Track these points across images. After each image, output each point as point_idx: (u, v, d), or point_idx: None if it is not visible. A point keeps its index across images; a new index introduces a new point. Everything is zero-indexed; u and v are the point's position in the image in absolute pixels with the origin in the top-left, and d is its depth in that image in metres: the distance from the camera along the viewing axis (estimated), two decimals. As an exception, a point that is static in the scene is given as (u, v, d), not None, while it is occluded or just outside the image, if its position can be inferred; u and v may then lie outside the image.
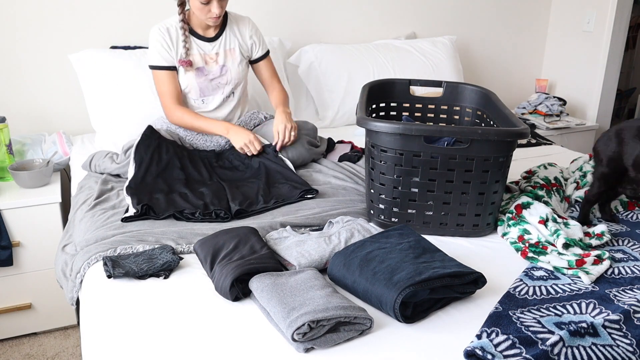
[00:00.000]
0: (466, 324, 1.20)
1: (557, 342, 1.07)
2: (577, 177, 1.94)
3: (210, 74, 2.04)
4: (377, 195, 1.63)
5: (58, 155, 2.26)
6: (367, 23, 3.00)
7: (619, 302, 1.26)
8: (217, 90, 2.07)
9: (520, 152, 2.42)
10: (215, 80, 2.06)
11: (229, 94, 2.10)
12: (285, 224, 1.60)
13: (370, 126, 1.54)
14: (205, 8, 1.90)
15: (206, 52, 2.03)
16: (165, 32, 1.98)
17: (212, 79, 2.05)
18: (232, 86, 2.09)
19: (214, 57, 2.04)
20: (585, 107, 3.35)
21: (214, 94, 2.07)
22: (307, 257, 1.37)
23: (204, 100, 2.07)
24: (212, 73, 2.05)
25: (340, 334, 1.13)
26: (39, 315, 2.18)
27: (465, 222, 1.60)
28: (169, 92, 1.99)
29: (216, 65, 2.05)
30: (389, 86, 2.07)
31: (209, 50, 2.04)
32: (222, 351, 1.10)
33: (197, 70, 2.02)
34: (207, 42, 2.03)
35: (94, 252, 1.46)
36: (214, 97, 2.07)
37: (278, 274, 1.28)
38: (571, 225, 1.58)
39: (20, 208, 2.03)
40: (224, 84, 2.07)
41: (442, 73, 2.86)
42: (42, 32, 2.39)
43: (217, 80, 2.06)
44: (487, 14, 3.30)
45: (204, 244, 1.44)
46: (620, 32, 3.16)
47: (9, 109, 2.42)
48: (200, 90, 2.04)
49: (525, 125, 1.54)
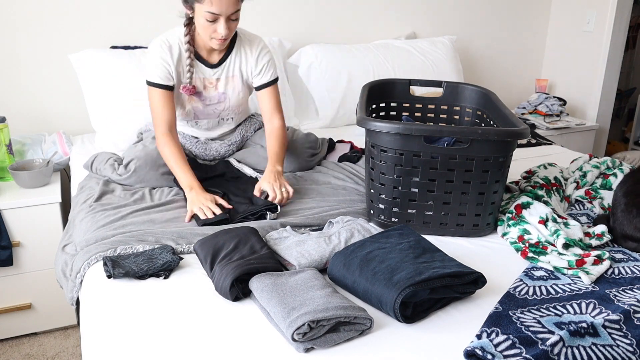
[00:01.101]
0: (466, 324, 1.20)
1: (557, 342, 1.07)
2: (577, 177, 1.94)
3: (207, 100, 1.91)
4: (377, 195, 1.63)
5: (58, 155, 2.26)
6: (367, 23, 3.00)
7: (619, 302, 1.26)
8: (212, 115, 1.96)
9: (520, 152, 2.42)
10: (212, 107, 1.93)
11: (226, 118, 2.00)
12: (285, 224, 1.60)
13: (370, 126, 1.54)
14: (210, 27, 1.71)
15: (206, 76, 1.88)
16: (167, 50, 1.79)
17: (209, 105, 1.92)
18: (229, 112, 1.98)
19: (213, 82, 1.89)
20: (585, 107, 3.35)
21: (208, 117, 1.96)
22: (307, 257, 1.37)
23: (197, 122, 1.97)
24: (210, 99, 1.91)
25: (340, 334, 1.13)
26: (39, 315, 2.18)
27: (465, 222, 1.60)
28: (162, 117, 1.79)
29: (215, 92, 1.90)
30: (389, 86, 2.07)
31: (209, 75, 1.88)
32: (222, 351, 1.10)
33: (195, 94, 1.89)
34: (209, 67, 1.87)
35: (94, 252, 1.46)
36: (208, 120, 1.97)
37: (278, 274, 1.28)
38: (571, 225, 1.58)
39: (20, 208, 2.03)
40: (220, 110, 1.95)
41: (442, 73, 2.86)
42: (42, 32, 2.39)
43: (213, 107, 1.93)
44: (487, 14, 3.30)
45: (203, 244, 1.44)
46: (620, 32, 3.17)
47: (9, 109, 2.42)
48: (194, 114, 1.94)
49: (525, 125, 1.54)
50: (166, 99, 1.80)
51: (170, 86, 1.81)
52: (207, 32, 1.73)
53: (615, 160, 2.02)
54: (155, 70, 1.80)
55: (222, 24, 1.69)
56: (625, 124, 4.27)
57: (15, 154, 2.23)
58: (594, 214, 1.78)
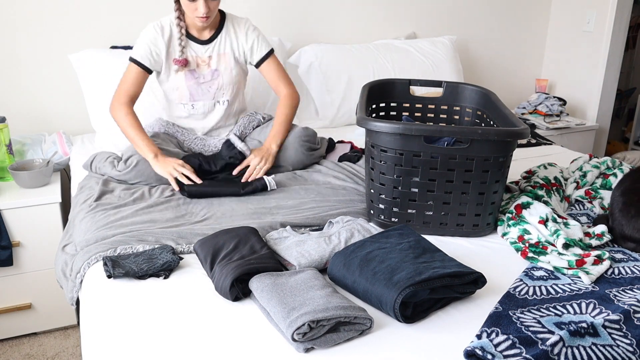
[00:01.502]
0: (466, 324, 1.20)
1: (557, 342, 1.07)
2: (577, 177, 1.94)
3: (200, 77, 1.99)
4: (377, 195, 1.63)
5: (58, 155, 2.26)
6: (367, 23, 3.00)
7: (619, 302, 1.26)
8: (207, 94, 2.01)
9: (520, 152, 2.42)
10: (206, 85, 2.00)
11: (221, 100, 2.04)
12: (285, 224, 1.60)
13: (370, 126, 1.54)
14: (191, 5, 1.83)
15: (198, 54, 1.97)
16: (159, 30, 1.92)
17: (203, 83, 1.99)
18: (224, 92, 2.03)
19: (206, 60, 1.98)
20: (585, 107, 3.35)
21: (204, 98, 2.01)
22: (307, 257, 1.37)
23: (193, 105, 2.01)
24: (203, 77, 1.99)
25: (340, 334, 1.13)
26: (39, 315, 2.18)
27: (465, 222, 1.60)
28: (128, 88, 1.91)
29: (208, 69, 1.99)
30: (389, 86, 2.07)
31: (201, 53, 1.97)
32: (222, 351, 1.10)
33: (187, 72, 1.97)
34: (200, 44, 1.97)
35: (94, 252, 1.46)
36: (204, 102, 2.02)
37: (278, 274, 1.28)
38: (571, 225, 1.58)
39: (20, 208, 2.03)
40: (215, 89, 2.01)
41: (442, 73, 2.86)
42: (42, 32, 2.39)
43: (207, 85, 2.00)
44: (487, 14, 3.30)
45: (204, 244, 1.44)
46: (620, 32, 3.17)
47: (9, 109, 2.42)
48: (190, 93, 1.99)
49: (525, 125, 1.54)
50: (138, 77, 1.92)
51: (148, 68, 1.93)
52: (190, 10, 1.85)
53: (615, 160, 2.02)
54: (139, 50, 1.92)
55: (202, 3, 1.81)
56: (625, 124, 4.27)
57: (15, 154, 2.23)
58: (594, 214, 1.78)
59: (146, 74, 1.94)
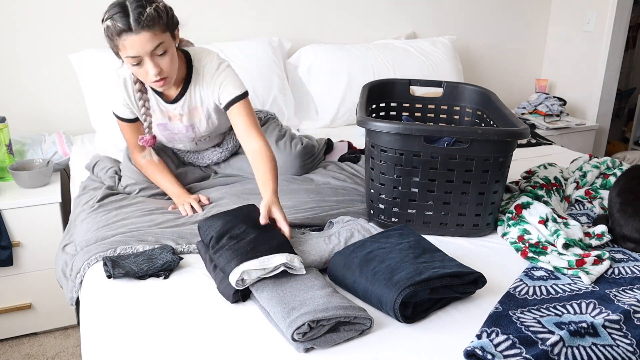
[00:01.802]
0: (466, 324, 1.20)
1: (557, 342, 1.07)
2: (577, 177, 1.94)
3: (175, 129, 1.79)
4: (377, 195, 1.63)
5: (58, 155, 2.26)
6: (367, 23, 3.00)
7: (619, 302, 1.26)
8: (186, 140, 1.85)
9: (520, 152, 2.42)
10: (182, 135, 1.82)
11: (203, 140, 1.87)
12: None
13: (370, 126, 1.54)
14: (141, 71, 1.53)
15: (168, 109, 1.74)
16: (123, 87, 1.69)
17: (177, 134, 1.81)
18: (204, 137, 1.85)
19: (177, 115, 1.75)
20: (585, 107, 3.35)
21: (183, 143, 1.87)
22: (307, 257, 1.37)
23: (175, 145, 1.90)
24: (178, 129, 1.79)
25: (340, 334, 1.12)
26: (39, 315, 2.18)
27: (465, 222, 1.60)
28: (133, 142, 1.77)
29: (181, 124, 1.78)
30: (389, 86, 2.06)
31: (171, 110, 1.74)
32: (222, 351, 1.10)
33: (159, 126, 1.78)
34: (168, 103, 1.73)
35: (94, 252, 1.46)
36: (184, 144, 1.88)
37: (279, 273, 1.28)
38: (571, 225, 1.58)
39: (20, 208, 2.03)
40: (192, 138, 1.84)
41: (442, 73, 2.86)
42: (42, 32, 2.39)
43: (183, 135, 1.82)
44: (487, 14, 3.30)
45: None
46: (620, 32, 3.17)
47: (9, 109, 2.42)
48: (167, 140, 1.85)
49: (525, 125, 1.54)
50: (134, 129, 1.77)
51: (134, 119, 1.75)
52: (142, 76, 1.57)
53: (615, 160, 2.02)
54: (117, 106, 1.73)
55: (149, 63, 1.51)
56: (625, 124, 4.27)
57: (15, 154, 2.23)
58: (594, 214, 1.78)
59: (137, 123, 1.76)
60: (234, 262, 1.24)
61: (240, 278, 1.22)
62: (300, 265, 1.27)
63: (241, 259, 1.24)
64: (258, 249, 1.28)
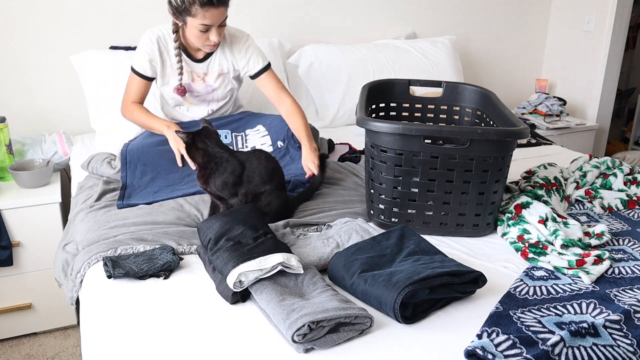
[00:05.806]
0: (466, 324, 1.20)
1: (557, 342, 1.07)
2: (577, 177, 1.94)
3: (195, 92, 2.02)
4: (377, 195, 1.63)
5: (58, 155, 2.26)
6: (367, 23, 3.00)
7: (619, 302, 1.26)
8: (201, 104, 2.06)
9: (520, 152, 2.42)
10: (200, 97, 2.04)
11: (215, 107, 2.08)
12: (284, 225, 1.60)
13: (370, 126, 1.54)
14: (203, 36, 1.83)
15: (194, 69, 1.98)
16: (155, 42, 1.92)
17: (197, 96, 2.03)
18: (218, 102, 2.07)
19: (201, 75, 1.99)
20: (585, 107, 3.35)
21: (198, 105, 2.06)
22: (306, 257, 1.37)
23: (188, 109, 2.07)
24: (197, 91, 2.02)
25: (341, 334, 1.12)
26: (39, 315, 2.18)
27: (465, 222, 1.60)
28: (134, 96, 1.96)
29: (202, 84, 2.01)
30: (389, 86, 2.06)
31: (196, 69, 1.99)
32: (222, 352, 1.10)
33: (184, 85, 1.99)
34: (195, 62, 1.98)
35: (94, 252, 1.46)
36: (198, 107, 2.07)
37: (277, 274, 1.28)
38: (571, 225, 1.58)
39: (20, 208, 2.03)
40: (209, 101, 2.06)
41: (442, 73, 2.86)
42: (42, 33, 2.39)
43: (201, 97, 2.04)
44: (487, 14, 3.30)
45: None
46: (620, 32, 3.17)
47: (9, 109, 2.42)
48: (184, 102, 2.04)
49: (525, 125, 1.53)
50: (141, 87, 1.96)
51: (149, 77, 1.95)
52: (200, 40, 1.84)
53: (615, 160, 2.02)
54: (139, 61, 1.93)
55: (215, 33, 1.82)
56: (625, 124, 4.27)
57: (15, 154, 2.23)
58: (594, 213, 1.78)
59: (149, 82, 1.97)
60: (231, 264, 1.24)
61: (237, 280, 1.22)
62: (297, 264, 1.27)
63: (238, 261, 1.24)
64: (255, 249, 1.28)
